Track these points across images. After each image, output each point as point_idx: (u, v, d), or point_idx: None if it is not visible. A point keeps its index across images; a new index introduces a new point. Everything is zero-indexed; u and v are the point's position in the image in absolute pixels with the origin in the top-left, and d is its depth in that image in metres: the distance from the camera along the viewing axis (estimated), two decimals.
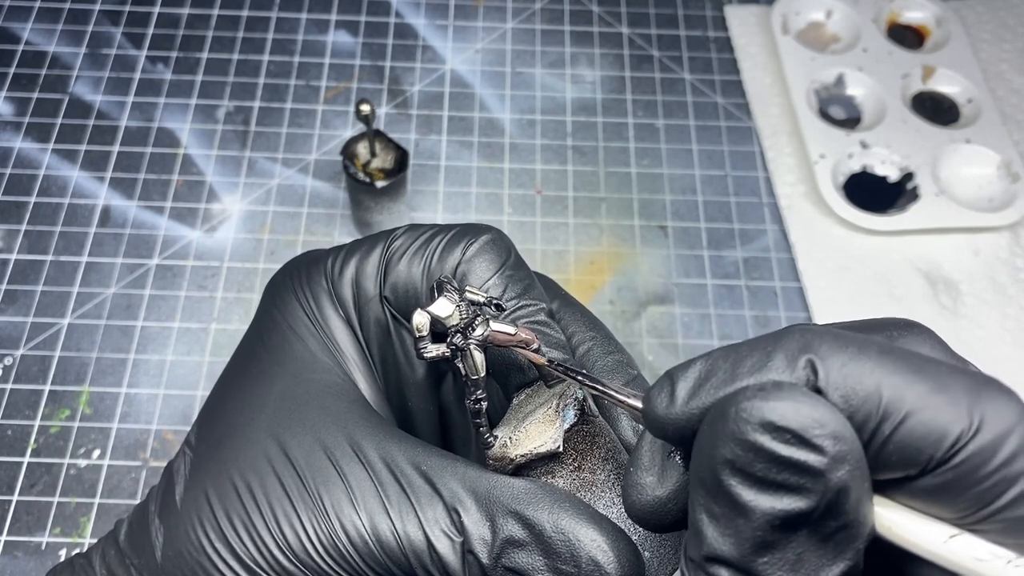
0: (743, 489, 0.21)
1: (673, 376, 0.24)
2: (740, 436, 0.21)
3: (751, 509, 0.21)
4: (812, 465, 0.20)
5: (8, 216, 0.78)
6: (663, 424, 0.24)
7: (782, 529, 0.21)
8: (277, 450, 0.30)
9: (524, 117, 0.87)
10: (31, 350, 0.72)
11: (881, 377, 0.21)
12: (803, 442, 0.20)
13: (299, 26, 0.91)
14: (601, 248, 0.80)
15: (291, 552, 0.28)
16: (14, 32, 0.89)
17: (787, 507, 0.21)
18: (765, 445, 0.20)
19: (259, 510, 0.29)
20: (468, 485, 0.28)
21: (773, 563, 0.21)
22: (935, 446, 0.21)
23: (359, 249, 0.34)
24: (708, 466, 0.22)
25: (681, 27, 0.94)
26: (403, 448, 0.30)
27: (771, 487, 0.21)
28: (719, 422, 0.21)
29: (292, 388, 0.32)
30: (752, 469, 0.21)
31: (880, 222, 0.80)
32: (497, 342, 0.29)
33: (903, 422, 0.21)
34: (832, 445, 0.20)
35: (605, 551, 0.27)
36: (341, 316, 0.34)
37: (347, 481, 0.29)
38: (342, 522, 0.28)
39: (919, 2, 0.94)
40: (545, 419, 0.30)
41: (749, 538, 0.21)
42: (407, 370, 0.34)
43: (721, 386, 0.23)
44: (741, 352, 0.23)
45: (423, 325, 0.28)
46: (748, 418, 0.21)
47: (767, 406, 0.21)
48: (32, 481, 0.67)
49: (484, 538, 0.27)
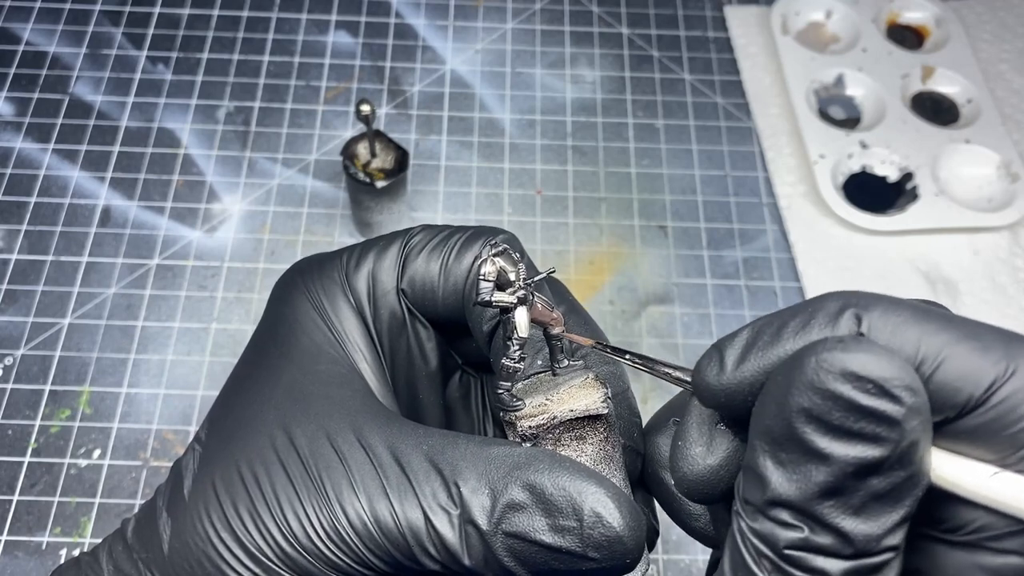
0: (818, 436, 0.22)
1: (720, 346, 0.25)
2: (820, 385, 0.21)
3: (825, 455, 0.22)
4: (891, 415, 0.21)
5: (8, 216, 0.78)
6: (715, 392, 0.25)
7: (853, 476, 0.22)
8: (283, 439, 0.30)
9: (524, 117, 0.87)
10: (31, 350, 0.72)
11: (919, 325, 0.23)
12: (884, 392, 0.21)
13: (299, 26, 0.91)
14: (601, 248, 0.80)
15: (295, 539, 0.28)
16: (14, 32, 0.89)
17: (861, 455, 0.21)
18: (846, 394, 0.21)
19: (264, 498, 0.29)
20: (469, 457, 0.28)
21: (838, 507, 0.22)
22: (972, 387, 0.22)
23: (376, 245, 0.35)
24: (779, 415, 0.22)
25: (681, 27, 0.94)
26: (405, 432, 0.30)
27: (847, 435, 0.21)
28: (795, 372, 0.22)
29: (298, 379, 0.32)
30: (830, 417, 0.21)
31: (880, 222, 0.80)
32: (537, 313, 0.30)
33: (940, 365, 0.22)
34: (909, 396, 0.21)
35: (607, 503, 0.27)
36: (354, 309, 0.34)
37: (348, 466, 0.29)
38: (343, 507, 0.28)
39: (919, 2, 0.94)
40: (585, 385, 0.31)
41: (819, 483, 0.22)
42: (420, 363, 0.35)
43: (768, 348, 0.24)
44: (784, 317, 0.24)
45: (491, 273, 0.29)
46: (830, 368, 0.21)
47: (849, 356, 0.21)
48: (32, 481, 0.67)
49: (484, 506, 0.27)
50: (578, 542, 0.27)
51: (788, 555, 0.22)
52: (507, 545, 0.27)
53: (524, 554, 0.27)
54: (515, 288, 0.29)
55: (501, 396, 0.31)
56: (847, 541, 0.22)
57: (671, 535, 0.67)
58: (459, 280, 0.34)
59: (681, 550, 0.67)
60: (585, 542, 0.27)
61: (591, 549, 0.27)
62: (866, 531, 0.22)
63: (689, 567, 0.66)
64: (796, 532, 0.22)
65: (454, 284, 0.34)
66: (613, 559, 0.27)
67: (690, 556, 0.66)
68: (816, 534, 0.22)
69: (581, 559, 0.27)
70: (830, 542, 0.22)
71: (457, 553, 0.27)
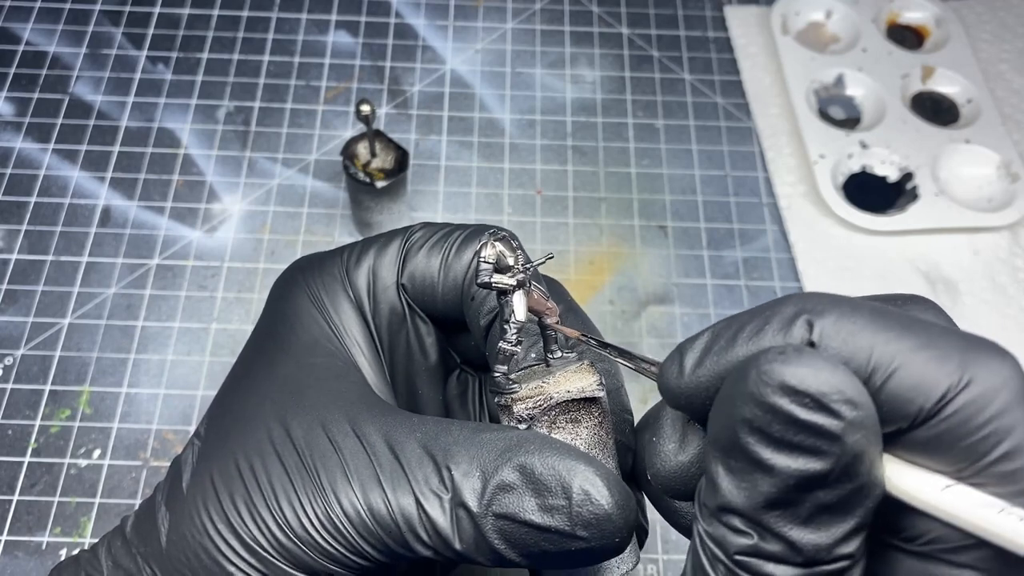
0: (761, 448, 0.22)
1: (682, 348, 0.25)
2: (759, 398, 0.21)
3: (768, 467, 0.22)
4: (829, 429, 0.21)
5: (8, 216, 0.78)
6: (675, 393, 0.25)
7: (796, 488, 0.21)
8: (280, 432, 0.30)
9: (524, 117, 0.87)
10: (31, 350, 0.72)
11: (872, 332, 0.22)
12: (821, 407, 0.21)
13: (299, 26, 0.91)
14: (601, 248, 0.80)
15: (290, 530, 0.28)
16: (14, 32, 0.89)
17: (803, 468, 0.21)
18: (783, 407, 0.21)
19: (260, 490, 0.29)
20: (461, 441, 0.28)
21: (784, 517, 0.22)
22: (924, 398, 0.21)
23: (376, 241, 0.36)
24: (727, 424, 0.22)
25: (681, 27, 0.94)
26: (399, 421, 0.30)
27: (788, 447, 0.21)
28: (740, 383, 0.22)
29: (295, 373, 0.32)
30: (770, 430, 0.21)
31: (880, 222, 0.80)
32: (533, 301, 0.31)
33: (892, 375, 0.21)
34: (849, 410, 0.21)
35: (595, 481, 0.27)
36: (353, 304, 0.34)
37: (343, 456, 0.29)
38: (337, 496, 0.28)
39: (919, 2, 0.95)
40: (580, 370, 0.31)
41: (764, 493, 0.22)
42: (419, 358, 0.35)
43: (723, 353, 0.24)
44: (742, 320, 0.24)
45: (491, 256, 0.30)
46: (768, 380, 0.21)
47: (786, 370, 0.21)
48: (32, 481, 0.67)
49: (474, 488, 0.27)
50: (567, 520, 0.27)
51: (739, 560, 0.23)
52: (497, 527, 0.27)
53: (514, 535, 0.27)
54: (514, 272, 0.30)
55: (497, 380, 0.31)
56: (795, 550, 0.22)
57: (671, 535, 0.67)
58: (458, 276, 0.34)
59: (681, 550, 0.67)
60: (574, 520, 0.27)
61: (580, 527, 0.27)
62: (815, 541, 0.22)
63: None
64: (746, 539, 0.22)
65: (453, 280, 0.34)
66: (603, 538, 0.27)
67: None
68: (766, 541, 0.22)
69: (570, 538, 0.27)
70: (779, 550, 0.22)
71: (448, 537, 0.27)
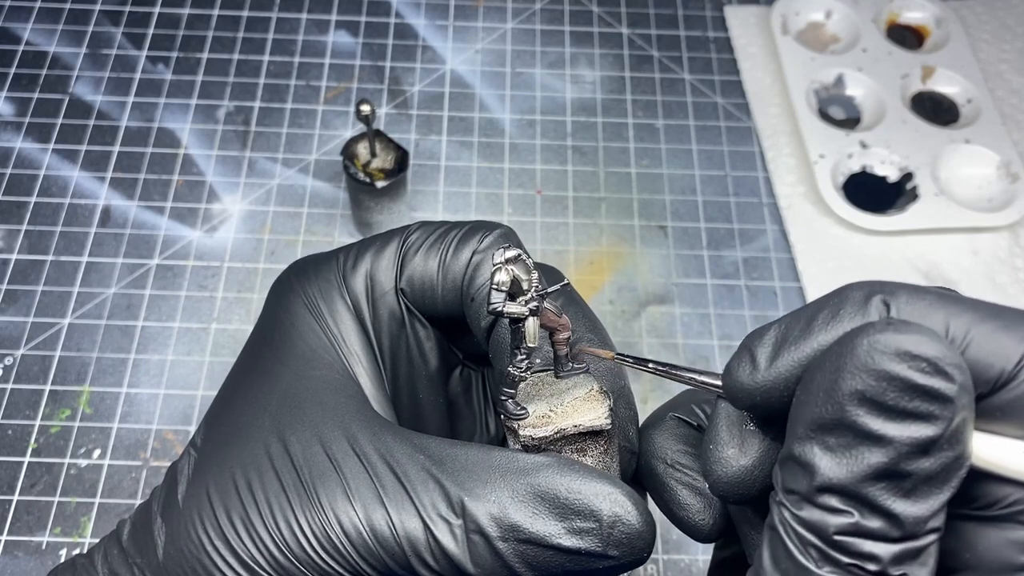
0: (871, 419, 0.22)
1: (750, 346, 0.25)
2: (875, 366, 0.22)
3: (879, 437, 0.22)
4: (945, 392, 0.21)
5: (8, 216, 0.78)
6: (750, 391, 0.25)
7: (905, 458, 0.22)
8: (278, 447, 0.30)
9: (524, 117, 0.87)
10: (31, 350, 0.72)
11: (944, 308, 0.23)
12: (938, 370, 0.21)
13: (299, 26, 0.91)
14: (601, 248, 0.80)
15: (287, 548, 0.28)
16: (14, 32, 0.89)
17: (916, 435, 0.22)
18: (902, 373, 0.22)
19: (257, 507, 0.29)
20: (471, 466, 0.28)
21: (889, 489, 0.22)
22: (1005, 360, 0.22)
23: (373, 245, 0.35)
24: (828, 400, 0.23)
25: (681, 27, 0.94)
26: (399, 440, 0.30)
27: (901, 415, 0.22)
28: (846, 356, 0.22)
29: (293, 385, 0.32)
30: (884, 398, 0.22)
31: (879, 222, 0.80)
32: (546, 319, 0.30)
33: (970, 344, 0.23)
34: (959, 374, 0.22)
35: (624, 503, 0.27)
36: (351, 311, 0.34)
37: (342, 475, 0.29)
38: (337, 516, 0.28)
39: (919, 2, 0.95)
40: (590, 398, 0.31)
41: (872, 465, 0.22)
42: (419, 362, 0.35)
43: (800, 342, 0.24)
44: (809, 311, 0.25)
45: (504, 283, 0.29)
46: (884, 348, 0.22)
47: (903, 337, 0.22)
48: (32, 481, 0.67)
49: (491, 514, 0.27)
50: (598, 542, 0.27)
51: (837, 541, 0.23)
52: (519, 551, 0.27)
53: (537, 559, 0.27)
54: (528, 297, 0.29)
55: (505, 404, 0.31)
56: (897, 524, 0.22)
57: (671, 535, 0.67)
58: (457, 277, 0.34)
59: (681, 550, 0.67)
60: (606, 541, 0.27)
61: (612, 548, 0.27)
62: (915, 513, 0.22)
63: (689, 567, 0.66)
64: (846, 517, 0.23)
65: (452, 281, 0.34)
66: (632, 554, 0.27)
67: (690, 556, 0.66)
68: (866, 518, 0.22)
69: (600, 558, 0.27)
70: (880, 525, 0.22)
71: (461, 562, 0.27)
